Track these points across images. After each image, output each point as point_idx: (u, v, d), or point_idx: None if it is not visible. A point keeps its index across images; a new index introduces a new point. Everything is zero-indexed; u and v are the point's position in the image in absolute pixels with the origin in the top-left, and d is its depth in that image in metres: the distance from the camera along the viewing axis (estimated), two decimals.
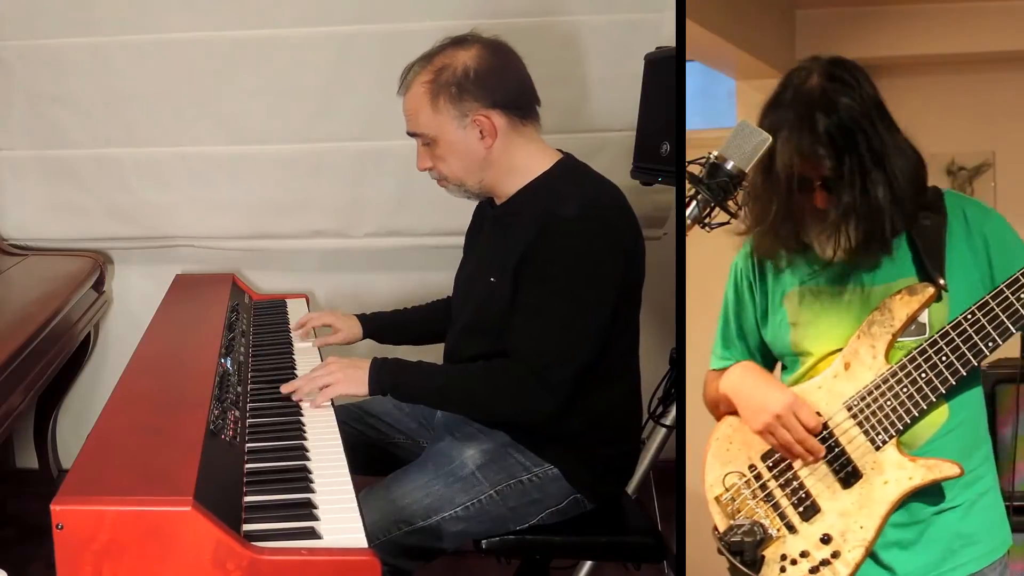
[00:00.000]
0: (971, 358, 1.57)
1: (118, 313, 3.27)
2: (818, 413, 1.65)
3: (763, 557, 1.65)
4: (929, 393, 1.60)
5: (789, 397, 1.66)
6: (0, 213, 3.16)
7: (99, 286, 3.13)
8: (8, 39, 3.02)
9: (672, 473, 2.04)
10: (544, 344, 1.96)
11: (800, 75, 1.61)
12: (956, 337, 1.57)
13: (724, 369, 1.82)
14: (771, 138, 1.63)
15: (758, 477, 1.71)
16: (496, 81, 2.04)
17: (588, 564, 2.71)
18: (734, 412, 1.76)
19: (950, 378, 1.59)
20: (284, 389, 2.04)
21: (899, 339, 1.63)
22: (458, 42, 2.07)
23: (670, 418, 2.73)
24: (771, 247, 1.70)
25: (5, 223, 3.17)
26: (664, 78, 2.59)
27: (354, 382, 2.02)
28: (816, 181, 1.58)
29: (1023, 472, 2.43)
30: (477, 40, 2.07)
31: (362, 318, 2.46)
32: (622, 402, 2.13)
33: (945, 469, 1.59)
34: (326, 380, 2.02)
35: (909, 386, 1.60)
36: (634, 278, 2.07)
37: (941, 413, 1.63)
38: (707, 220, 1.74)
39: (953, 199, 1.66)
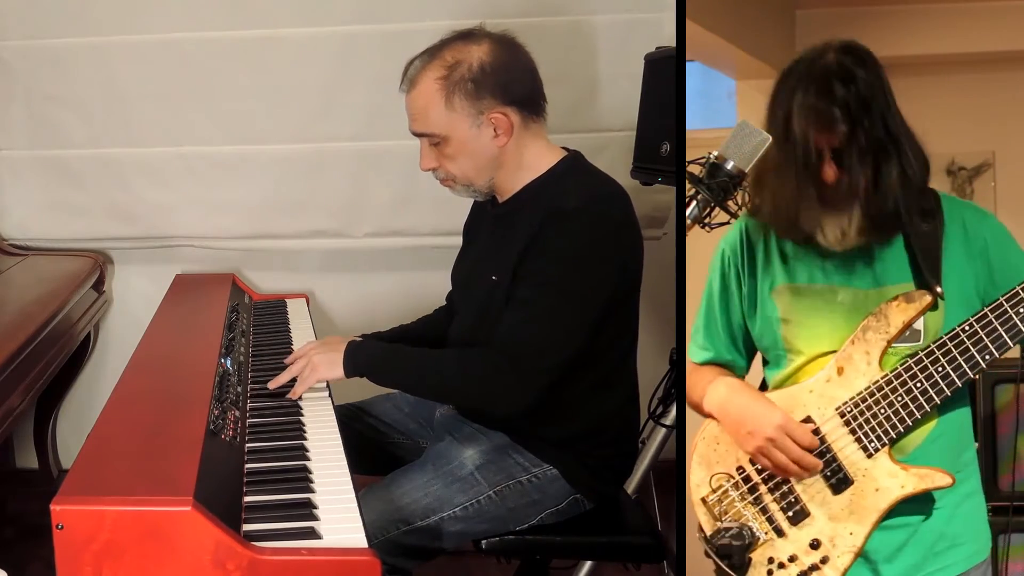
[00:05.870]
0: (967, 370, 1.56)
1: (118, 313, 3.27)
2: (810, 419, 1.64)
3: (750, 560, 1.64)
4: (924, 403, 1.58)
5: (780, 418, 1.63)
6: (0, 213, 3.16)
7: (99, 286, 3.13)
8: (8, 39, 3.02)
9: (672, 473, 2.03)
10: (523, 335, 1.93)
11: (813, 52, 1.59)
12: (953, 348, 1.56)
13: (706, 363, 1.80)
14: (771, 137, 1.63)
15: (747, 480, 1.69)
16: (511, 77, 1.98)
17: (588, 564, 2.71)
18: None
19: (945, 389, 1.57)
20: (272, 386, 2.05)
21: (893, 344, 1.61)
22: (466, 36, 2.01)
23: (670, 418, 2.73)
24: (786, 226, 1.66)
25: (5, 223, 3.17)
26: (664, 78, 2.59)
27: (330, 366, 2.02)
28: (827, 151, 1.56)
29: (1023, 472, 2.42)
30: (486, 35, 2.01)
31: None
32: (621, 407, 2.12)
33: (937, 479, 1.59)
34: (304, 369, 2.03)
35: (904, 395, 1.59)
36: (632, 280, 2.05)
37: (931, 419, 1.62)
38: (707, 220, 1.74)
39: (951, 204, 1.64)
